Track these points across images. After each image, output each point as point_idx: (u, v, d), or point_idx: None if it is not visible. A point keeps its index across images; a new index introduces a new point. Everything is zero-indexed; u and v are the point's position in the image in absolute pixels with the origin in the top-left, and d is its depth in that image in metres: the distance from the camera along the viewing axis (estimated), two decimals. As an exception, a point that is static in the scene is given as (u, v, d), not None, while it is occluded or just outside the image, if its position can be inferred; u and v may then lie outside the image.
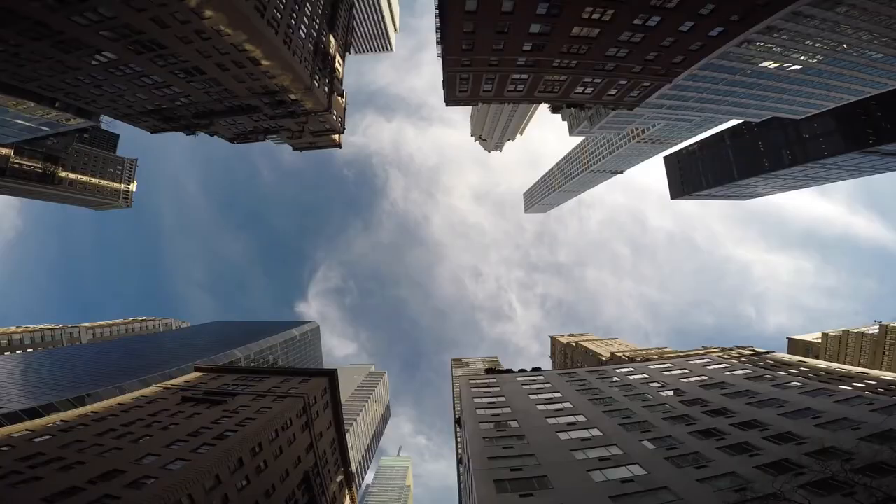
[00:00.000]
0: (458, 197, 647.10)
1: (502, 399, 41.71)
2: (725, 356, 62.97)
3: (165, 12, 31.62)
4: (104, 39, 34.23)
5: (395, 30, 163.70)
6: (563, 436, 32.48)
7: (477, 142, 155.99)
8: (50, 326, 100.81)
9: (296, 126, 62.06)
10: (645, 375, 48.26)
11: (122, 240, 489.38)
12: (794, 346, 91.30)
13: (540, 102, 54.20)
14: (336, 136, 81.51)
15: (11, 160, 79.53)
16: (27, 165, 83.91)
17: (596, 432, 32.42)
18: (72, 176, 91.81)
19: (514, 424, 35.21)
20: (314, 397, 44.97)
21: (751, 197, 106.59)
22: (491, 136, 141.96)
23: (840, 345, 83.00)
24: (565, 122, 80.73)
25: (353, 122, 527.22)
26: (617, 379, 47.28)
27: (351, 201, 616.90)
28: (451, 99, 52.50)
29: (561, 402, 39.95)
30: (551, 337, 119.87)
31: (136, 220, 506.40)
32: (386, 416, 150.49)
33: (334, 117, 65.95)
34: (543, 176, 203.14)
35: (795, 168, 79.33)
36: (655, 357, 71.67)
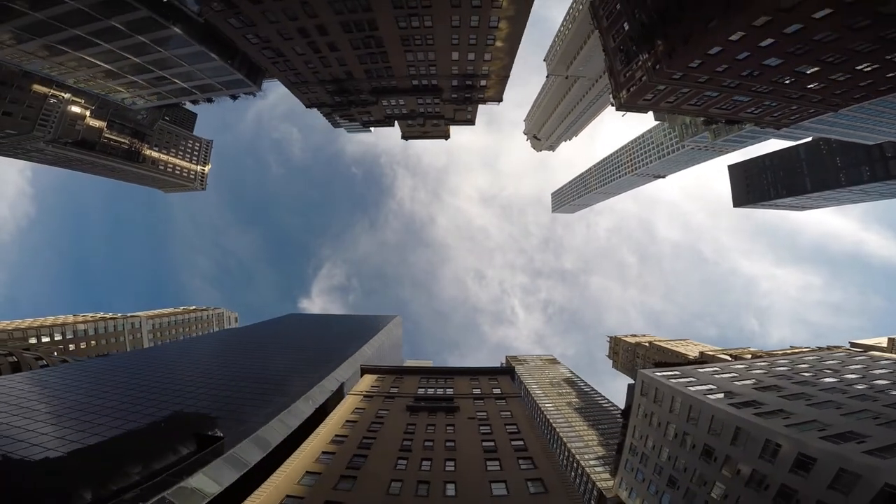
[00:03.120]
0: (464, 199, 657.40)
1: (714, 386, 44.71)
2: (843, 351, 68.23)
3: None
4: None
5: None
6: (816, 407, 36.35)
7: (528, 140, 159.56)
8: (111, 316, 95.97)
9: (450, 113, 62.99)
10: (807, 365, 52.84)
11: (131, 228, 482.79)
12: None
13: (709, 117, 57.57)
14: (449, 127, 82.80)
15: (104, 134, 76.00)
16: (115, 141, 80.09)
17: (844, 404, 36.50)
18: (154, 154, 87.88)
19: (758, 402, 38.48)
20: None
21: (809, 208, 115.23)
22: (548, 137, 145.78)
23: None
24: (656, 130, 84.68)
25: None
26: (785, 369, 51.32)
27: (358, 200, 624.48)
28: (630, 106, 54.57)
29: (768, 386, 43.47)
30: (614, 337, 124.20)
31: (144, 208, 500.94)
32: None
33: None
34: (578, 176, 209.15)
35: (872, 184, 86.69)
36: (763, 355, 76.29)
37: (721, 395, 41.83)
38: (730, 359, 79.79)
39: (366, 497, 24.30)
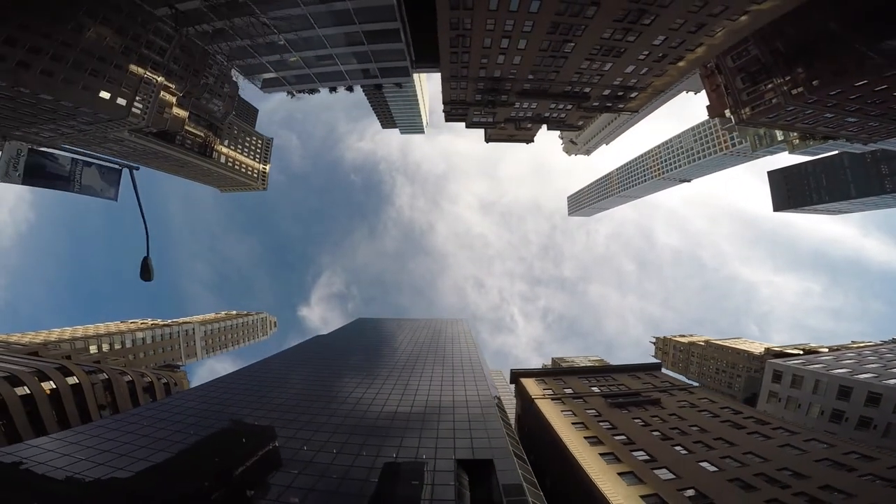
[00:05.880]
0: (464, 206, 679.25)
1: (850, 369, 53.93)
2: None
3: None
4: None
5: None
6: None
7: (563, 144, 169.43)
8: (163, 322, 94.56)
9: (574, 119, 69.76)
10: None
11: (129, 233, 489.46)
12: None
13: (813, 134, 68.34)
14: (534, 131, 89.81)
15: (186, 126, 76.40)
16: (192, 134, 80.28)
17: None
18: (224, 150, 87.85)
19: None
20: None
21: (845, 212, 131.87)
22: (586, 142, 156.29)
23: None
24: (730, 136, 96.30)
25: (361, 128, 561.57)
26: (892, 355, 61.85)
27: (357, 207, 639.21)
28: (752, 122, 64.18)
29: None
30: (661, 338, 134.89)
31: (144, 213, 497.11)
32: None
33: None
34: (598, 179, 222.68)
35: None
36: (841, 349, 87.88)
37: (868, 374, 50.85)
38: (801, 353, 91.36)
39: (702, 476, 28.80)
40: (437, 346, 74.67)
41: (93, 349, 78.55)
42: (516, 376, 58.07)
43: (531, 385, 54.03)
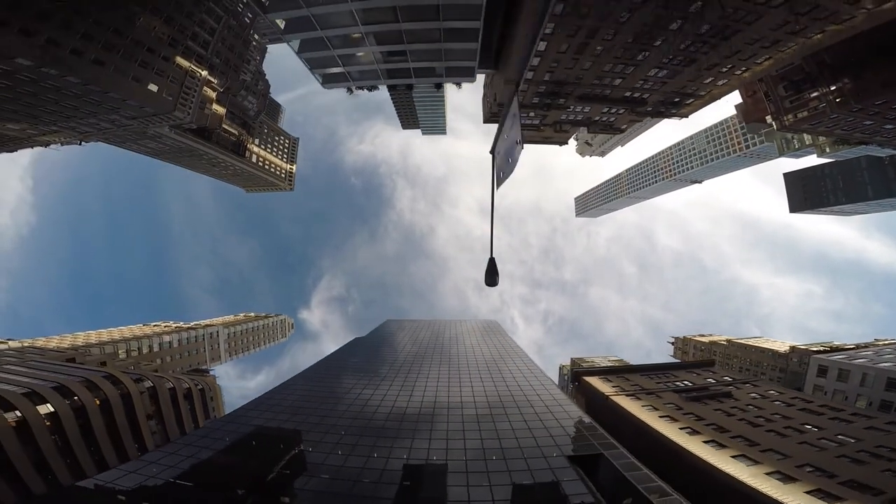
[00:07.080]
0: (464, 209, 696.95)
1: (893, 364, 60.19)
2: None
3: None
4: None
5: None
6: None
7: (577, 146, 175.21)
8: (186, 325, 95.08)
9: (623, 122, 74.46)
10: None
11: (130, 235, 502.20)
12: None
13: (849, 139, 75.40)
14: (569, 133, 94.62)
15: (223, 123, 77.83)
16: (226, 132, 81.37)
17: None
18: (255, 149, 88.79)
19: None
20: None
21: (861, 213, 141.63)
22: (601, 144, 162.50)
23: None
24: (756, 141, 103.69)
25: (361, 131, 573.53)
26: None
27: (358, 211, 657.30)
28: (795, 128, 70.39)
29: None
30: (681, 338, 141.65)
31: (144, 217, 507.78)
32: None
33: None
34: (607, 181, 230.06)
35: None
36: (856, 346, 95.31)
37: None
38: (829, 349, 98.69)
39: (810, 455, 33.13)
40: (481, 346, 78.25)
41: (122, 353, 79.06)
42: (578, 375, 62.25)
43: (598, 383, 58.22)
